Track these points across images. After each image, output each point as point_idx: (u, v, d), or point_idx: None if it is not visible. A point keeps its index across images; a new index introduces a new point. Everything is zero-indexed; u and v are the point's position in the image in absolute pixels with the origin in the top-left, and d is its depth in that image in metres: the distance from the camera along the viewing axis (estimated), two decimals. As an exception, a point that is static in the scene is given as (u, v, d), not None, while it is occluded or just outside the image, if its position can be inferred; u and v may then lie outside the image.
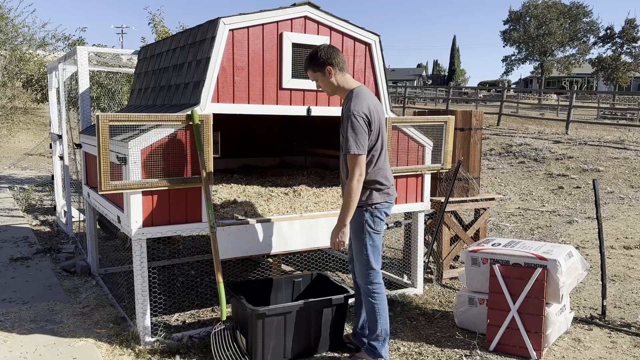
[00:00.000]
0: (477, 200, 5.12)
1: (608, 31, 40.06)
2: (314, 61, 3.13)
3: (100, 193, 3.23)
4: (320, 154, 5.53)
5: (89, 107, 5.08)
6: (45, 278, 4.83)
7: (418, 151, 4.30)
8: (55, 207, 7.18)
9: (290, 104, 3.78)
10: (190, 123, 3.33)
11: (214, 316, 4.06)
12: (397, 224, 4.74)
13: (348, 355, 3.42)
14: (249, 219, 3.61)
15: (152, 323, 3.60)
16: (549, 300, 3.55)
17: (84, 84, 5.00)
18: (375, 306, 3.21)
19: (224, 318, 3.28)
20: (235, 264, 5.13)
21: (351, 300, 3.54)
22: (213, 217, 3.37)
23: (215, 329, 3.25)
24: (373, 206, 3.15)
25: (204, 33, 3.65)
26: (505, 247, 3.81)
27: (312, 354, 3.45)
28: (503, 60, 43.99)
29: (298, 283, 3.82)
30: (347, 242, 3.11)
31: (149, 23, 10.23)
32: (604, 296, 4.14)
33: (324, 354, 3.46)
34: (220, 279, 3.29)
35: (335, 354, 3.47)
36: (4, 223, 6.90)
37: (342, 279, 4.98)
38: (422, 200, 4.46)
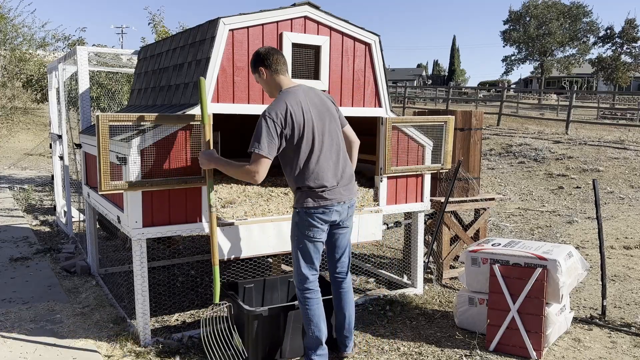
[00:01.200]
0: (477, 200, 5.12)
1: (608, 31, 40.12)
2: (251, 62, 3.17)
3: (100, 193, 3.23)
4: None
5: (89, 107, 5.08)
6: (45, 278, 4.83)
7: (418, 151, 4.30)
8: (55, 207, 7.18)
9: (290, 104, 3.77)
10: (191, 123, 3.33)
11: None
12: (397, 224, 4.74)
13: None
14: (248, 219, 3.61)
15: (151, 323, 3.60)
16: (549, 300, 3.55)
17: (83, 84, 5.00)
18: (307, 311, 3.17)
19: (217, 300, 3.28)
20: (235, 264, 5.12)
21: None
22: (214, 197, 3.33)
23: (207, 312, 3.24)
24: (304, 210, 3.07)
25: (204, 33, 3.65)
26: (505, 247, 3.81)
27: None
28: (503, 60, 44.07)
29: (293, 282, 3.81)
30: (202, 167, 3.30)
31: (149, 23, 10.23)
32: (604, 296, 4.14)
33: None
34: (216, 261, 3.28)
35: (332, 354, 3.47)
36: (4, 223, 6.90)
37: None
38: (422, 200, 4.47)
